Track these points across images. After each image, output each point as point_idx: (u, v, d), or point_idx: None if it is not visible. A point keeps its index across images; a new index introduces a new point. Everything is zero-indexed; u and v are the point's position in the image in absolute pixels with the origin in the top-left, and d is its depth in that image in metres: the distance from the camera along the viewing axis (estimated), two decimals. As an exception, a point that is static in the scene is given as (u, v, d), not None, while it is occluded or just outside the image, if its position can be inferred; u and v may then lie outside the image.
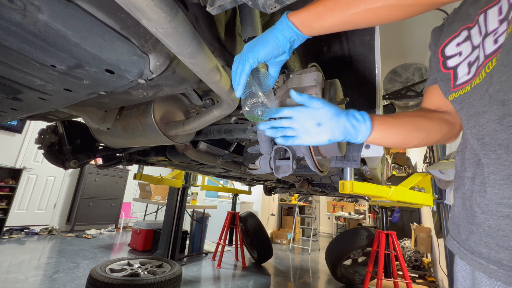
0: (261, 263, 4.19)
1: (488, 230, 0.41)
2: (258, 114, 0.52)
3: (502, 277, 0.37)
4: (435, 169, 1.90)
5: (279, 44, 0.48)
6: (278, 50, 0.49)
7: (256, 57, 0.48)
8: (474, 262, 0.43)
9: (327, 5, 0.45)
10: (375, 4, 0.41)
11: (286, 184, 3.01)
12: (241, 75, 0.49)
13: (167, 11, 0.40)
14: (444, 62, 0.54)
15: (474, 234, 0.44)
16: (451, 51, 0.53)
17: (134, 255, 3.87)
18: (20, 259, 3.12)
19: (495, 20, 0.43)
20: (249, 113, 0.52)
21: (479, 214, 0.43)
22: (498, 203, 0.39)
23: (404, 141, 0.58)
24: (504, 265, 0.37)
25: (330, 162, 1.02)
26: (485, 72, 0.43)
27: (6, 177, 4.02)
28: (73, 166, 1.42)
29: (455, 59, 0.51)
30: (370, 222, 7.44)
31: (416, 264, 3.95)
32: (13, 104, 0.83)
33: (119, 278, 1.92)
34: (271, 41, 0.48)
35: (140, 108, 1.03)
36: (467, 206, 0.47)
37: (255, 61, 0.48)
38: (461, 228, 0.49)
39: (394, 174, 4.89)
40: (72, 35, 0.47)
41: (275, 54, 0.49)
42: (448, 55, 0.53)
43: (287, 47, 0.49)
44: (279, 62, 0.53)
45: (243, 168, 1.61)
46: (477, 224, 0.43)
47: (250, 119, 0.54)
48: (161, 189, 4.58)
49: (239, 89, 0.50)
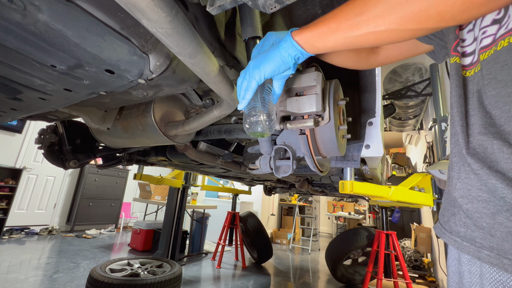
0: (261, 263, 4.19)
1: (467, 212, 0.45)
2: (258, 130, 0.52)
3: (472, 251, 0.43)
4: (435, 169, 1.90)
5: (284, 61, 0.50)
6: (284, 66, 0.50)
7: (263, 74, 0.49)
8: (450, 240, 0.48)
9: (331, 26, 0.45)
10: (377, 28, 0.41)
11: (286, 184, 3.01)
12: (247, 91, 0.51)
13: (167, 11, 0.40)
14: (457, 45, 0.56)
15: (455, 216, 0.48)
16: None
17: (134, 255, 3.87)
18: (20, 259, 3.12)
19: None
20: (249, 130, 0.53)
21: (458, 198, 0.47)
22: (479, 189, 0.43)
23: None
24: (477, 242, 0.43)
25: (330, 162, 1.02)
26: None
27: (6, 177, 4.03)
28: (73, 166, 1.42)
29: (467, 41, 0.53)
30: (370, 222, 7.44)
31: (416, 264, 3.96)
32: (13, 104, 0.83)
33: (119, 278, 1.92)
34: (277, 59, 0.49)
35: (140, 108, 1.03)
36: (450, 190, 0.50)
37: (261, 78, 0.50)
38: (445, 211, 0.53)
39: (394, 174, 4.90)
40: (72, 35, 0.47)
41: (281, 71, 0.50)
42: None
43: (291, 64, 0.50)
44: (284, 76, 0.53)
45: (243, 168, 1.61)
46: (458, 207, 0.48)
47: (251, 135, 0.54)
48: (161, 189, 4.58)
49: (244, 103, 0.52)
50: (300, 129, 0.65)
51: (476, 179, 0.44)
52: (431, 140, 3.53)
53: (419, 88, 3.45)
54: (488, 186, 0.41)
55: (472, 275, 0.44)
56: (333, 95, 0.65)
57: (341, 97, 0.73)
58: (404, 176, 2.91)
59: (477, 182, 0.43)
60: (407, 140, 5.39)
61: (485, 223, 0.41)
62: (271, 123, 0.53)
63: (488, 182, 0.41)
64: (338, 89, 0.70)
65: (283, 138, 0.75)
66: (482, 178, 0.42)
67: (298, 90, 0.63)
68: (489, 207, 0.41)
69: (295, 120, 0.62)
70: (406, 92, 3.47)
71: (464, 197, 0.46)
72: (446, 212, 0.52)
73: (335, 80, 0.69)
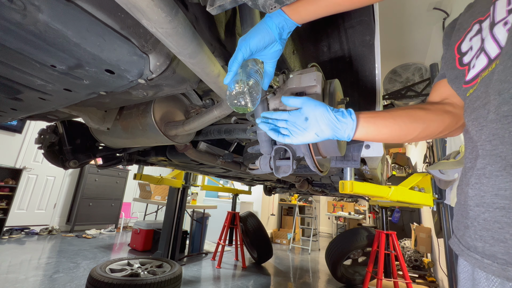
0: (261, 263, 4.19)
1: (483, 223, 0.40)
2: (240, 103, 0.52)
3: (496, 271, 0.37)
4: (435, 169, 1.90)
5: (268, 31, 0.50)
6: (268, 36, 0.50)
7: (248, 45, 0.50)
8: (469, 257, 0.43)
9: None
10: None
11: (286, 184, 3.01)
12: (232, 63, 0.51)
13: (167, 11, 0.40)
14: (460, 59, 0.54)
15: (469, 229, 0.44)
16: (466, 47, 0.52)
17: (134, 255, 3.87)
18: (20, 259, 3.12)
19: (503, 11, 0.43)
20: (232, 100, 0.53)
21: (473, 207, 0.43)
22: (494, 195, 0.39)
23: (401, 133, 0.55)
24: (498, 258, 0.37)
25: (330, 162, 1.02)
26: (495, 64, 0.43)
27: (6, 177, 4.02)
28: (73, 166, 1.42)
29: (469, 54, 0.51)
30: (370, 222, 7.44)
31: (416, 264, 3.95)
32: (13, 104, 0.83)
33: (119, 278, 1.92)
34: (261, 28, 0.50)
35: (140, 108, 1.03)
36: (462, 200, 0.47)
37: (247, 49, 0.50)
38: (459, 223, 0.48)
39: (394, 174, 4.90)
40: (72, 35, 0.47)
41: (266, 42, 0.51)
42: (464, 51, 0.53)
43: (276, 33, 0.51)
44: (272, 54, 0.54)
45: (243, 168, 1.61)
46: (472, 218, 0.43)
47: (234, 108, 0.54)
48: (161, 189, 4.58)
49: (228, 76, 0.52)
50: (300, 129, 0.64)
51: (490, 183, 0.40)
52: (431, 140, 3.53)
53: (419, 88, 3.45)
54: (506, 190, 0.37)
55: None
56: (333, 95, 0.65)
57: (341, 97, 0.73)
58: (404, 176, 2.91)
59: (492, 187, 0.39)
60: (407, 140, 5.38)
61: (508, 234, 0.36)
62: (254, 97, 0.52)
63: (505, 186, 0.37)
64: (338, 89, 0.70)
65: (283, 138, 0.75)
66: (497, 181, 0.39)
67: (298, 90, 0.63)
68: (510, 215, 0.36)
69: (295, 120, 0.62)
70: (406, 92, 3.47)
71: (479, 205, 0.41)
72: (460, 224, 0.48)
73: (335, 80, 0.69)
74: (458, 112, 0.58)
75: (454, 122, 0.58)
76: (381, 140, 0.57)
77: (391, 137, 0.56)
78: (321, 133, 0.53)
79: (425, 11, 3.08)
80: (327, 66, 0.99)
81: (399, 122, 0.55)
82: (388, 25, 3.32)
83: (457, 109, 0.59)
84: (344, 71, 1.00)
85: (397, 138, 0.56)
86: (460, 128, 0.60)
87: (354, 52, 0.92)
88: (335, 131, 0.52)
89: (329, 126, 0.52)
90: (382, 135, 0.55)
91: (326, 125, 0.52)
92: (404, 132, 0.55)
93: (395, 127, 0.55)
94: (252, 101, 0.52)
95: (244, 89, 0.51)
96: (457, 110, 0.58)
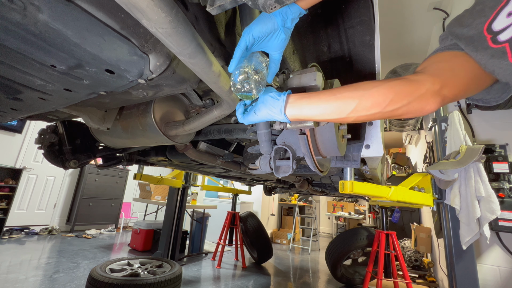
0: (261, 263, 4.19)
1: None
2: (245, 88, 0.52)
3: None
4: (435, 169, 1.90)
5: (271, 17, 0.50)
6: (271, 23, 0.50)
7: (251, 32, 0.50)
8: None
9: None
10: None
11: (286, 184, 3.01)
12: (236, 50, 0.51)
13: (167, 11, 0.40)
14: (494, 39, 0.47)
15: None
16: (501, 24, 0.46)
17: (134, 255, 3.87)
18: (20, 259, 3.12)
19: None
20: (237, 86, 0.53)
21: None
22: None
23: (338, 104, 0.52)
24: None
25: (330, 162, 1.02)
26: None
27: (6, 177, 4.03)
28: (73, 166, 1.42)
29: (508, 31, 0.44)
30: (370, 222, 7.44)
31: (416, 264, 3.95)
32: (13, 104, 0.83)
33: (119, 278, 1.92)
34: (263, 15, 0.50)
35: (140, 108, 1.03)
36: None
37: (249, 36, 0.50)
38: None
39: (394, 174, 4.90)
40: (72, 35, 0.47)
41: (268, 28, 0.50)
42: (498, 30, 0.46)
43: (279, 19, 0.50)
44: (277, 45, 0.53)
45: (243, 168, 1.61)
46: None
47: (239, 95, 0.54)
48: (161, 189, 4.58)
49: (232, 63, 0.52)
50: (300, 129, 0.65)
51: None
52: (431, 140, 3.53)
53: (419, 88, 3.45)
54: None
55: None
56: (333, 95, 0.65)
57: (341, 97, 0.73)
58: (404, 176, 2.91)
59: None
60: (407, 140, 5.39)
61: None
62: (258, 82, 0.53)
63: None
64: (338, 89, 0.70)
65: (283, 138, 0.75)
66: None
67: (298, 90, 0.63)
68: None
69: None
70: (406, 92, 3.46)
71: None
72: None
73: (335, 80, 0.69)
74: (422, 79, 0.51)
75: (411, 89, 0.50)
76: (318, 115, 0.54)
77: (327, 112, 0.53)
78: (257, 111, 0.57)
79: (425, 11, 3.08)
80: (327, 66, 0.99)
81: (335, 93, 0.53)
82: (388, 25, 3.32)
83: (423, 76, 0.51)
84: (344, 71, 1.00)
85: (336, 112, 0.53)
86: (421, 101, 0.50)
87: (354, 52, 0.92)
88: (269, 109, 0.56)
89: (264, 104, 0.56)
90: (317, 111, 0.53)
91: (262, 103, 0.56)
92: (339, 103, 0.52)
93: (330, 98, 0.53)
94: (257, 87, 0.52)
95: (249, 75, 0.51)
96: (421, 77, 0.51)
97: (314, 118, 0.55)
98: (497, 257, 2.33)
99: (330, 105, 0.53)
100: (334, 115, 0.53)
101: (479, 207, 1.85)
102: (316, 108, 0.53)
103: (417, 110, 0.51)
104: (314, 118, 0.55)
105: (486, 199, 1.85)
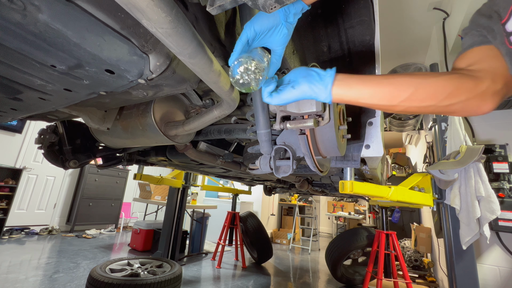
0: (261, 263, 4.19)
1: None
2: (244, 80, 0.51)
3: None
4: (435, 169, 1.90)
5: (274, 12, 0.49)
6: (273, 17, 0.49)
7: (252, 25, 0.49)
8: None
9: None
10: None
11: (286, 184, 3.01)
12: (237, 44, 0.50)
13: (167, 11, 0.40)
14: (509, 38, 0.47)
15: None
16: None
17: (134, 255, 3.87)
18: (20, 259, 3.12)
19: None
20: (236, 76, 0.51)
21: None
22: None
23: (390, 88, 0.49)
24: None
25: (330, 162, 1.02)
26: None
27: (6, 177, 4.02)
28: (73, 166, 1.42)
29: None
30: (370, 222, 7.44)
31: (416, 264, 3.95)
32: (13, 104, 0.83)
33: (119, 278, 1.92)
34: None
35: (140, 108, 1.03)
36: None
37: (251, 29, 0.49)
38: None
39: (394, 174, 4.90)
40: (72, 35, 0.47)
41: (270, 22, 0.49)
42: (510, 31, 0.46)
43: (281, 13, 0.49)
44: (279, 40, 0.52)
45: (243, 168, 1.61)
46: None
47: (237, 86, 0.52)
48: (161, 189, 4.58)
49: (232, 56, 0.51)
50: (300, 129, 0.65)
51: None
52: (431, 140, 3.53)
53: (419, 88, 3.45)
54: None
55: None
56: (333, 95, 0.65)
57: (341, 97, 0.73)
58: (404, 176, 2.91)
59: None
60: (407, 140, 5.39)
61: None
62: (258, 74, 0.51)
63: None
64: (338, 89, 0.70)
65: (283, 138, 0.75)
66: None
67: (298, 90, 0.63)
68: None
69: (295, 120, 0.62)
70: (406, 92, 3.46)
71: None
72: None
73: (335, 80, 0.69)
74: (481, 76, 0.48)
75: (471, 85, 0.46)
76: (366, 98, 0.51)
77: (378, 96, 0.50)
78: (297, 85, 0.52)
79: (425, 11, 3.08)
80: (327, 66, 0.99)
81: (389, 77, 0.50)
82: (388, 25, 3.32)
83: (481, 73, 0.48)
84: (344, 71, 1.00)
85: (387, 97, 0.50)
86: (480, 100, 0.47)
87: (354, 52, 0.92)
88: (313, 84, 0.51)
89: (306, 78, 0.52)
90: (367, 93, 0.50)
91: (303, 77, 0.52)
92: (393, 88, 0.49)
93: (384, 81, 0.49)
94: (256, 79, 0.51)
95: (248, 66, 0.50)
96: (480, 74, 0.48)
97: (361, 101, 0.51)
98: (497, 257, 2.34)
99: (382, 89, 0.49)
100: (384, 101, 0.50)
101: (479, 207, 1.85)
102: (366, 90, 0.50)
103: (473, 109, 0.48)
104: (361, 101, 0.51)
105: (486, 199, 1.85)
